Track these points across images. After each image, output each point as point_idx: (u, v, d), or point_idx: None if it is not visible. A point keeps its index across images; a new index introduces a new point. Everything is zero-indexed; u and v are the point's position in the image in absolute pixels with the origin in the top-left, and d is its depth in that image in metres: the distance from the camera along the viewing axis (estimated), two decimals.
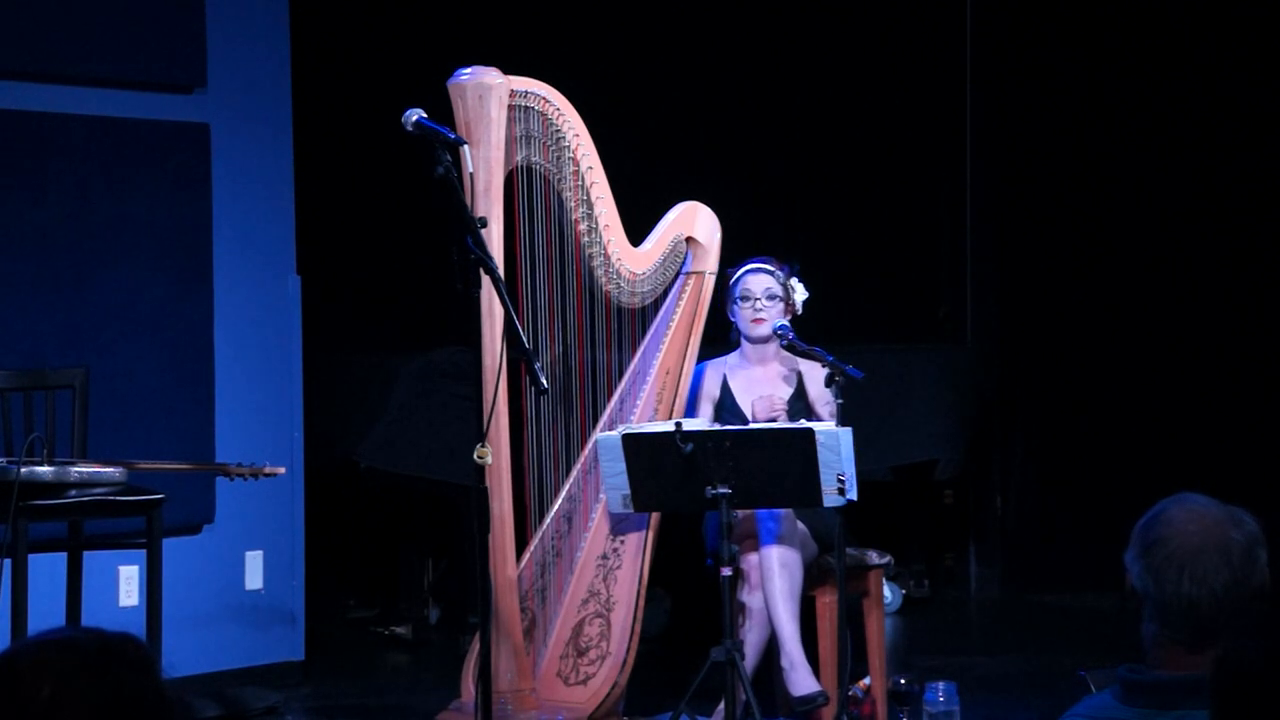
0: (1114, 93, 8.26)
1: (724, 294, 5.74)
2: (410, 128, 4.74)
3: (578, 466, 5.56)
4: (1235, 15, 8.01)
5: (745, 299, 5.69)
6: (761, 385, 5.71)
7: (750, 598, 5.42)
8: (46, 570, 5.46)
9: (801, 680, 5.35)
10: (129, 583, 6.15)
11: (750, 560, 5.42)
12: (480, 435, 4.52)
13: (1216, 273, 8.11)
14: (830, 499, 5.08)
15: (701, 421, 5.51)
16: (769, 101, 8.31)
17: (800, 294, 5.72)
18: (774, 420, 5.54)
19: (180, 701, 1.93)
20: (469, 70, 5.30)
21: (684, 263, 5.69)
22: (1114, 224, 8.30)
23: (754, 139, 8.26)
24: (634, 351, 5.66)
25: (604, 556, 5.48)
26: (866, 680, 5.66)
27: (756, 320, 5.66)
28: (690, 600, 6.98)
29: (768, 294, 5.66)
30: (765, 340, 5.70)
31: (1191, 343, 8.11)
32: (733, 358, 5.81)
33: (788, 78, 8.33)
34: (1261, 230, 8.01)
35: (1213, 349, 8.08)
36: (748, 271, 5.70)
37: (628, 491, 5.18)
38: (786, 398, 5.67)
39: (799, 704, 5.36)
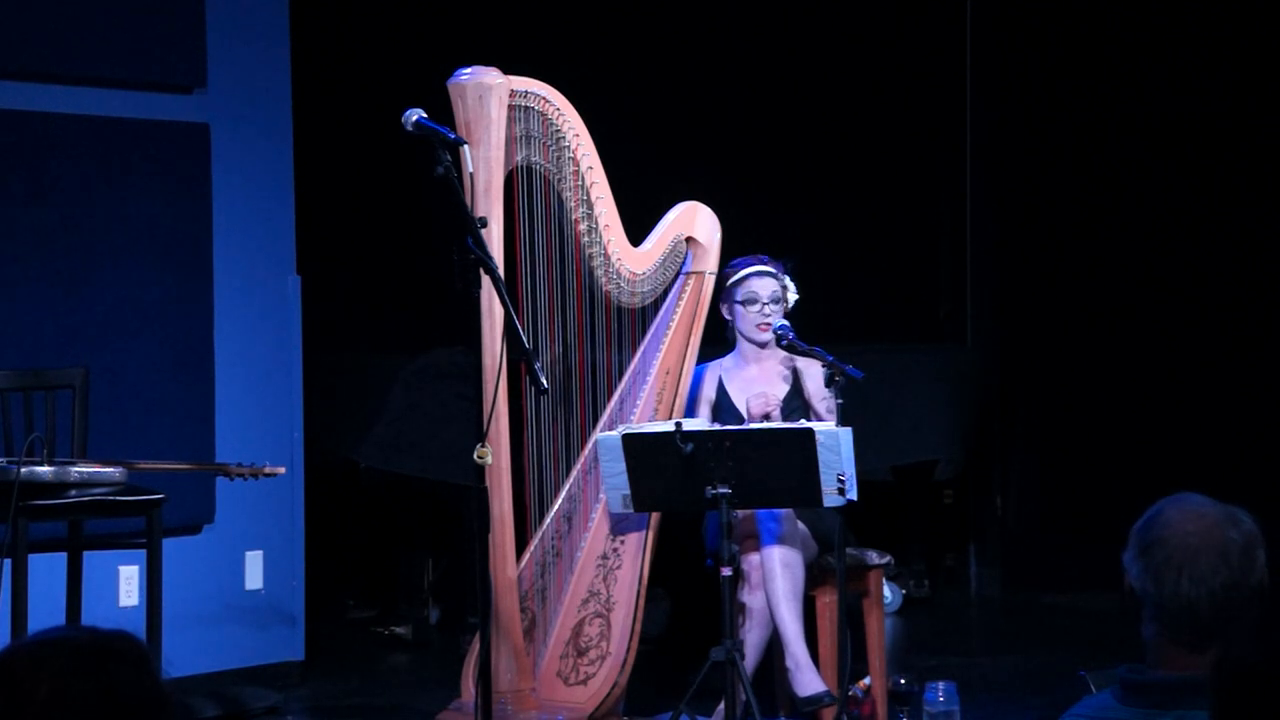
0: (1114, 93, 8.26)
1: (719, 290, 5.71)
2: (410, 128, 4.74)
3: (578, 466, 5.55)
4: (1233, 17, 8.01)
5: (751, 302, 5.66)
6: (757, 383, 5.70)
7: (750, 598, 5.41)
8: (46, 570, 5.46)
9: (808, 680, 5.35)
10: (129, 583, 6.15)
11: (751, 560, 5.41)
12: (480, 435, 4.52)
13: (1216, 272, 8.10)
14: (830, 499, 5.08)
15: (701, 422, 5.50)
16: (769, 101, 8.31)
17: (793, 294, 5.70)
18: (768, 417, 5.52)
19: (177, 700, 1.93)
20: (469, 70, 5.30)
21: (684, 263, 5.68)
22: (1114, 224, 8.29)
23: (754, 139, 8.26)
24: (634, 351, 5.65)
25: (604, 556, 5.48)
26: (866, 680, 5.65)
27: (763, 326, 5.64)
28: (690, 600, 6.97)
29: (773, 298, 5.64)
30: (767, 343, 5.69)
31: (1191, 342, 8.10)
32: (728, 359, 5.79)
33: (788, 77, 8.34)
34: (1260, 230, 8.01)
35: (1212, 349, 8.08)
36: (753, 274, 5.66)
37: (628, 491, 5.17)
38: (782, 395, 5.66)
39: (805, 704, 5.35)
